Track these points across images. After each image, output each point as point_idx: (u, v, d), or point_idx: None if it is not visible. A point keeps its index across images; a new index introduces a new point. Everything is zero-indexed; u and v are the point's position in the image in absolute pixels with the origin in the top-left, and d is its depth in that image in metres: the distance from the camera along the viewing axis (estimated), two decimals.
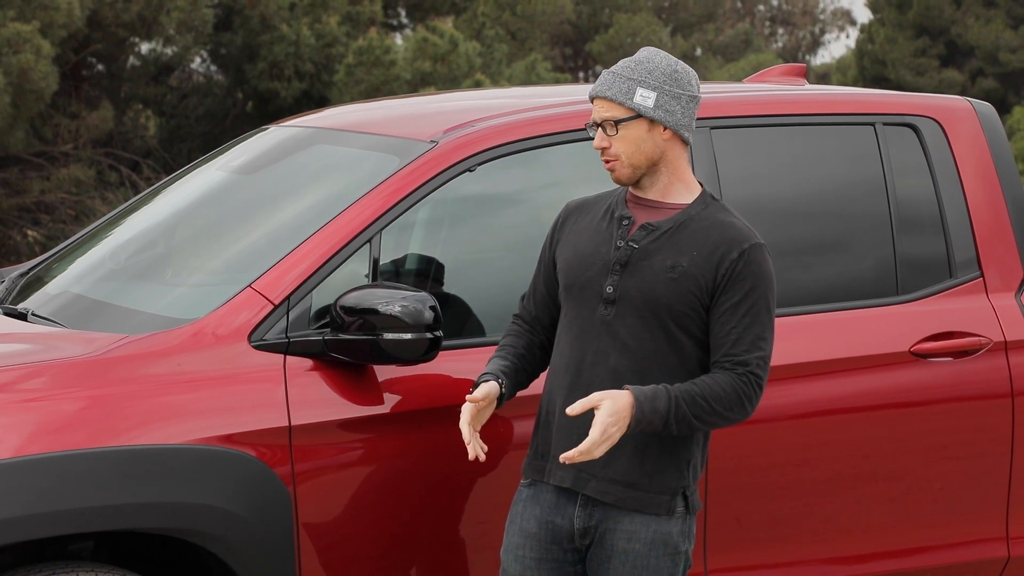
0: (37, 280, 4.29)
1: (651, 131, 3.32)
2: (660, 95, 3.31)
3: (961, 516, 4.21)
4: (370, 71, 19.17)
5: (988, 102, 4.52)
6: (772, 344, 3.32)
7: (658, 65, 3.33)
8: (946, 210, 4.27)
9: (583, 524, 3.33)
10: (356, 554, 3.63)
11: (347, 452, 3.60)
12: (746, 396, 3.26)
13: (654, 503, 3.30)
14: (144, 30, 18.76)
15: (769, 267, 3.32)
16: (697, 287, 3.28)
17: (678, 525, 3.33)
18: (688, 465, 3.34)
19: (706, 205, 3.36)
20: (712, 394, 3.24)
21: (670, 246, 3.31)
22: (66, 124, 18.49)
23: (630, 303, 3.30)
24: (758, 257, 3.30)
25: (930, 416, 4.15)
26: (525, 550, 3.36)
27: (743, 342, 3.26)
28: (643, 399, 3.20)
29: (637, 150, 3.32)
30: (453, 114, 4.08)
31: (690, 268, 3.28)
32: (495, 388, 3.37)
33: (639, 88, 3.31)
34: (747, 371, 3.26)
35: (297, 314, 3.63)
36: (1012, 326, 4.24)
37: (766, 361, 3.30)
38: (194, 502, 3.43)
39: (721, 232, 3.31)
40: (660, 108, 3.31)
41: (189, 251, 4.19)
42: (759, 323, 3.28)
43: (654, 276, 3.29)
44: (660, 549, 3.31)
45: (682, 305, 3.28)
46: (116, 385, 3.47)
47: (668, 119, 3.32)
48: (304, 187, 4.11)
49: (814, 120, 4.26)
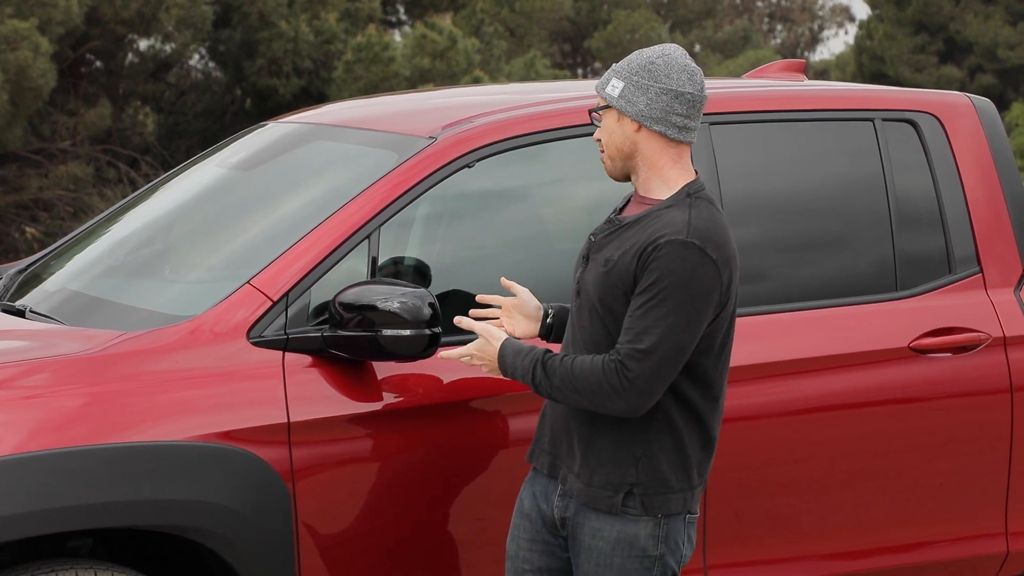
0: (35, 277, 4.28)
1: (619, 122, 3.30)
2: (627, 85, 3.27)
3: (960, 512, 4.20)
4: (369, 68, 19.17)
5: (987, 98, 4.51)
6: (665, 342, 3.13)
7: (639, 58, 3.30)
8: (945, 206, 4.27)
9: (560, 515, 3.34)
10: (355, 550, 3.63)
11: (346, 448, 3.60)
12: (609, 384, 3.16)
13: (597, 498, 3.26)
14: (142, 27, 18.75)
15: (688, 265, 3.15)
16: (623, 281, 3.23)
17: (647, 528, 3.25)
18: (636, 462, 3.25)
19: (673, 202, 3.27)
20: (579, 370, 3.20)
21: (615, 240, 3.29)
22: (64, 121, 18.48)
23: (586, 295, 3.32)
24: (672, 252, 3.16)
25: (929, 412, 4.15)
26: (520, 530, 3.39)
27: (629, 332, 3.18)
28: (508, 350, 3.30)
29: (610, 140, 3.32)
30: (451, 110, 4.07)
31: (619, 262, 3.24)
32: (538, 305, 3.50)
33: (612, 78, 3.30)
34: (616, 359, 3.17)
35: (296, 310, 3.62)
36: (1011, 322, 4.24)
37: (644, 354, 3.13)
38: (193, 499, 3.42)
39: (656, 227, 3.22)
40: (622, 98, 3.27)
41: (187, 247, 4.18)
42: (651, 316, 3.15)
43: (596, 270, 3.30)
44: (625, 550, 3.25)
45: (609, 299, 3.24)
46: (114, 382, 3.47)
47: (628, 108, 3.26)
48: (302, 183, 4.11)
49: (813, 116, 4.25)
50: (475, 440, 3.69)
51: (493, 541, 3.71)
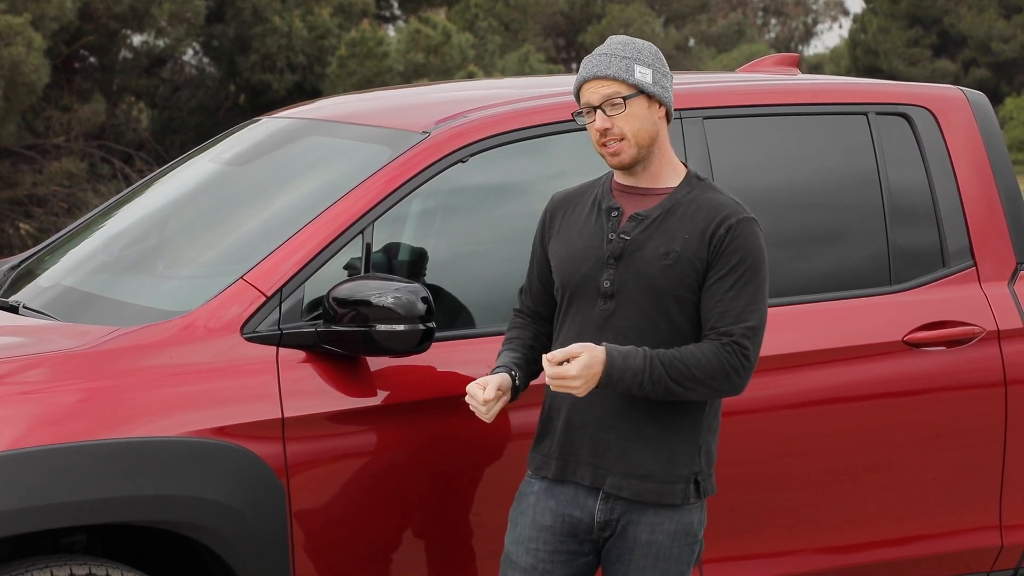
0: (29, 273, 4.28)
1: (650, 108, 3.33)
2: (655, 72, 3.33)
3: (954, 505, 4.21)
4: (363, 63, 19.15)
5: (981, 91, 4.51)
6: (763, 317, 3.28)
7: (644, 47, 3.36)
8: (939, 200, 4.27)
9: (604, 517, 3.32)
10: (349, 545, 3.63)
11: (340, 444, 3.60)
12: (731, 367, 3.24)
13: (670, 493, 3.30)
14: (136, 22, 18.72)
15: (759, 241, 3.30)
16: (693, 269, 3.28)
17: (697, 514, 3.36)
18: (700, 451, 3.33)
19: (692, 187, 3.36)
20: (693, 360, 3.22)
21: (661, 233, 3.31)
22: (58, 117, 18.45)
23: (628, 295, 3.29)
24: (746, 230, 3.29)
25: (923, 405, 4.15)
26: (539, 543, 3.34)
27: (729, 314, 3.25)
28: (616, 355, 3.20)
29: (641, 128, 3.32)
30: (445, 105, 4.07)
31: (684, 252, 3.28)
32: (507, 380, 3.34)
33: (636, 65, 3.31)
34: (731, 341, 3.24)
35: (290, 306, 3.62)
36: (1005, 315, 4.24)
37: (755, 332, 3.26)
38: (187, 495, 3.42)
39: (709, 210, 3.31)
40: (657, 84, 3.33)
41: (181, 243, 4.18)
42: (746, 295, 3.26)
43: (649, 265, 3.29)
44: (682, 539, 3.33)
45: (681, 289, 3.28)
46: (108, 378, 3.46)
47: (664, 96, 3.34)
48: (296, 179, 4.10)
49: (807, 110, 4.25)
50: (469, 435, 3.68)
51: (487, 535, 3.71)
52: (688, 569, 3.36)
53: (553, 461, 3.36)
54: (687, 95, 4.10)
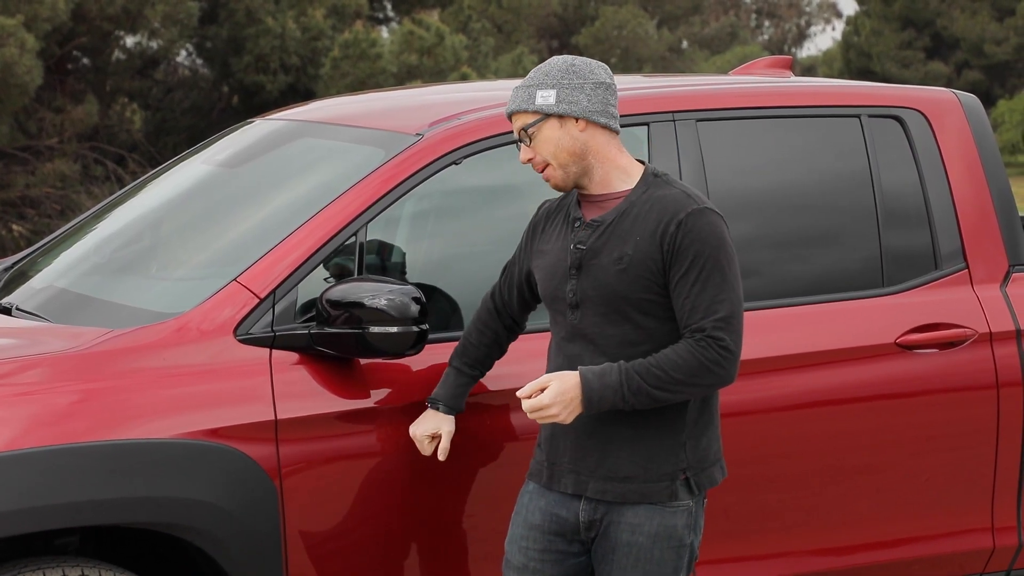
0: (22, 274, 4.27)
1: (563, 127, 3.32)
2: (559, 90, 3.32)
3: (947, 507, 4.22)
4: (356, 64, 19.15)
5: (973, 94, 4.52)
6: (735, 303, 3.25)
7: (554, 66, 3.36)
8: (931, 202, 4.28)
9: (588, 517, 3.35)
10: (343, 547, 3.63)
11: (333, 446, 3.60)
12: (711, 360, 3.23)
13: (653, 491, 3.31)
14: (129, 23, 18.71)
15: (713, 229, 3.26)
16: (648, 271, 3.28)
17: (683, 518, 3.33)
18: (684, 448, 3.32)
19: (647, 187, 3.35)
20: (669, 363, 3.22)
21: (615, 238, 3.31)
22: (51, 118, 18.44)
23: (590, 303, 3.31)
24: (697, 223, 3.26)
25: (916, 408, 4.16)
26: (529, 541, 3.38)
27: (698, 310, 3.24)
28: (591, 376, 3.22)
29: (558, 149, 3.33)
30: (439, 107, 4.07)
31: (635, 254, 3.28)
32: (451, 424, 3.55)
33: (538, 91, 3.33)
34: (704, 336, 3.23)
35: (283, 308, 3.62)
36: (997, 317, 4.25)
37: (727, 321, 3.23)
38: (180, 497, 3.42)
39: (659, 209, 3.30)
40: (562, 102, 3.31)
41: (174, 245, 4.18)
42: (712, 286, 3.24)
43: (605, 272, 3.30)
44: (664, 542, 3.32)
45: (639, 292, 3.28)
46: (101, 380, 3.46)
47: (573, 109, 3.31)
48: (290, 180, 4.10)
49: (800, 112, 4.26)
50: (462, 436, 3.68)
51: (482, 537, 3.72)
52: (675, 574, 3.35)
53: (544, 470, 3.41)
54: (680, 98, 4.10)
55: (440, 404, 3.55)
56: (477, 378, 3.60)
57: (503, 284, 3.58)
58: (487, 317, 3.59)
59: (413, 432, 3.55)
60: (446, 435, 3.53)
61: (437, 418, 3.55)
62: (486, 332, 3.58)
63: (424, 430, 3.54)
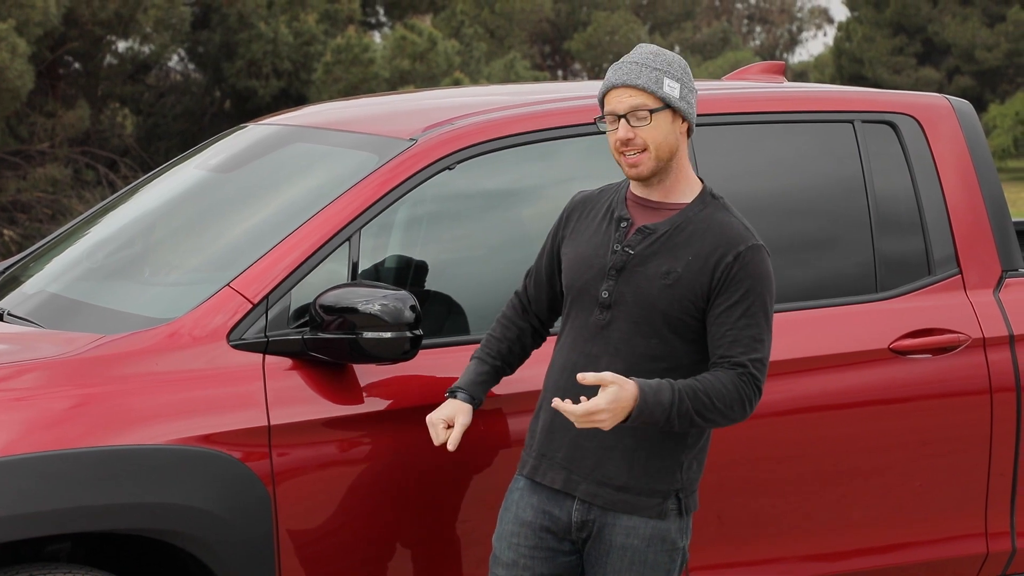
0: (13, 279, 4.26)
1: (674, 123, 3.32)
2: (683, 87, 3.32)
3: (941, 512, 4.22)
4: (348, 69, 19.15)
5: (965, 100, 4.53)
6: (769, 347, 3.30)
7: (674, 59, 3.34)
8: (925, 207, 4.28)
9: (581, 517, 3.34)
10: (336, 553, 3.62)
11: (327, 451, 3.59)
12: (746, 396, 3.25)
13: (644, 505, 3.30)
14: (121, 28, 18.70)
15: (766, 268, 3.29)
16: (692, 292, 3.27)
17: (676, 523, 3.34)
18: (681, 468, 3.32)
19: (704, 205, 3.34)
20: (715, 391, 3.22)
21: (666, 251, 3.29)
22: (42, 123, 18.42)
23: (624, 308, 3.29)
24: (754, 259, 3.27)
25: (909, 413, 4.15)
26: (520, 538, 3.36)
27: (739, 344, 3.24)
28: (648, 390, 3.18)
29: (663, 141, 3.30)
30: (432, 112, 4.06)
31: (685, 273, 3.27)
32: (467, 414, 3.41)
33: (666, 78, 3.30)
34: (745, 372, 3.24)
35: (276, 313, 3.61)
36: (990, 323, 4.25)
37: (763, 363, 3.28)
38: (173, 503, 3.41)
39: (717, 234, 3.29)
40: (684, 100, 3.32)
41: (167, 250, 4.17)
42: (756, 325, 3.25)
43: (649, 282, 3.28)
44: (658, 545, 3.31)
45: (677, 311, 3.27)
46: (93, 386, 3.45)
47: (689, 112, 3.33)
48: (282, 185, 4.10)
49: (793, 118, 4.26)
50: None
51: (475, 542, 3.71)
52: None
53: (530, 460, 3.39)
54: None
55: (459, 392, 3.45)
56: (500, 371, 3.50)
57: (530, 280, 3.54)
58: (512, 313, 3.54)
59: (429, 418, 3.44)
60: (459, 426, 3.40)
61: (454, 406, 3.43)
62: (510, 328, 3.52)
63: (440, 415, 3.42)
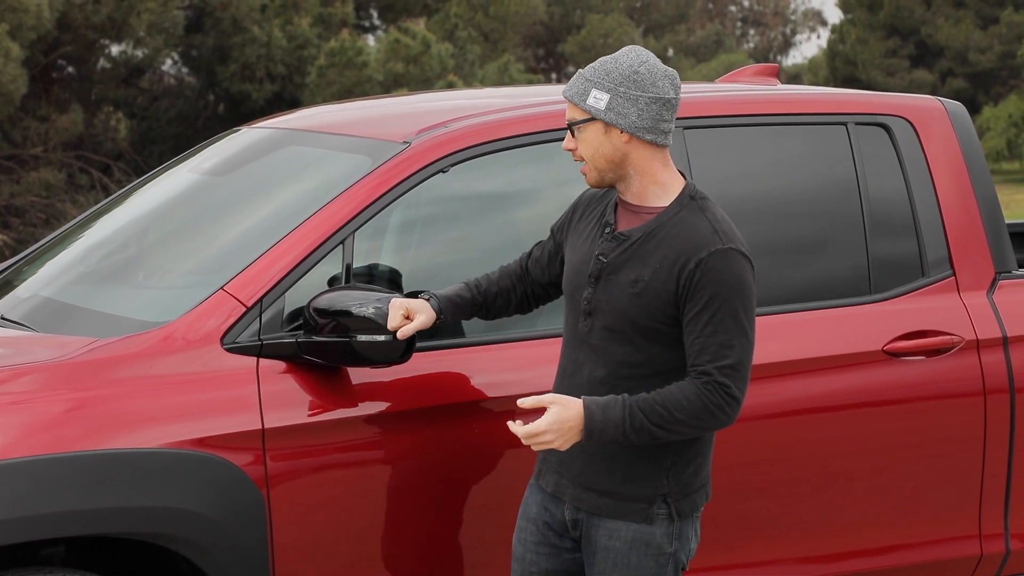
0: (7, 283, 4.26)
1: (607, 134, 3.25)
2: (613, 97, 3.22)
3: (934, 514, 4.22)
4: (342, 72, 19.15)
5: (959, 102, 4.54)
6: (745, 349, 3.20)
7: (619, 66, 3.24)
8: (918, 209, 4.29)
9: (572, 516, 3.36)
10: (330, 556, 3.62)
11: (321, 455, 3.59)
12: (714, 405, 3.18)
13: (628, 510, 3.29)
14: (114, 32, 18.68)
15: (734, 271, 3.19)
16: (659, 300, 3.22)
17: (661, 527, 3.30)
18: (668, 473, 3.29)
19: (680, 208, 3.27)
20: (673, 402, 3.18)
21: (637, 258, 3.26)
22: (36, 127, 18.40)
23: (601, 316, 3.28)
24: (719, 264, 3.18)
25: (903, 415, 4.16)
26: (527, 533, 3.40)
27: (706, 352, 3.18)
28: (595, 408, 3.17)
29: (596, 153, 3.27)
30: (426, 115, 4.07)
31: (652, 282, 3.23)
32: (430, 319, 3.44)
33: (593, 90, 3.24)
34: (710, 380, 3.18)
35: (270, 316, 3.61)
36: (984, 325, 4.25)
37: (736, 368, 3.18)
38: (167, 506, 3.41)
39: (684, 240, 3.22)
40: (611, 111, 3.23)
41: (160, 254, 4.17)
42: (724, 331, 3.17)
43: (620, 291, 3.26)
44: (641, 549, 3.30)
45: (646, 319, 3.24)
46: (87, 389, 3.45)
47: (620, 122, 3.23)
48: (276, 189, 4.10)
49: (786, 120, 4.26)
50: (450, 445, 3.68)
51: (470, 544, 3.71)
52: None
53: (537, 463, 3.44)
54: None
55: (432, 299, 3.49)
56: (478, 307, 3.52)
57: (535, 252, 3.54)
58: (512, 270, 3.56)
59: (393, 301, 3.45)
60: (417, 322, 3.42)
61: (421, 304, 3.46)
62: (504, 279, 3.54)
63: (404, 303, 3.44)
